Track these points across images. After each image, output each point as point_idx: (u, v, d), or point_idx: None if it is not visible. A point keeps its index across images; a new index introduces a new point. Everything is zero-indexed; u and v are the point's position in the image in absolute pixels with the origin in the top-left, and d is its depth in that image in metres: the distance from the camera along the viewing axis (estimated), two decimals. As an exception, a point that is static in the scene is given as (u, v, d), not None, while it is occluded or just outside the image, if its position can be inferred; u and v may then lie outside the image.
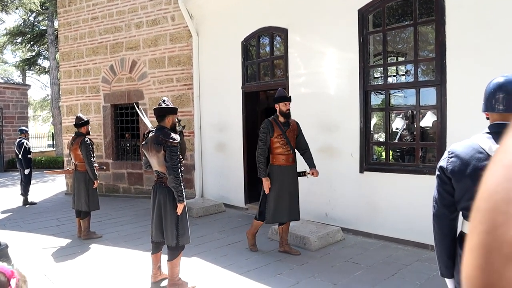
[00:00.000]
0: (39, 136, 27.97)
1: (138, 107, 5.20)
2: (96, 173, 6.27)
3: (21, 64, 24.75)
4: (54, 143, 23.20)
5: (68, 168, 7.91)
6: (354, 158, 5.88)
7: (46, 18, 21.46)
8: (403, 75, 8.15)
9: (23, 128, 10.02)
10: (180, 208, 4.03)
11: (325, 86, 6.28)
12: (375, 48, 6.37)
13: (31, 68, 25.65)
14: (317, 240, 5.39)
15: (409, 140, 7.04)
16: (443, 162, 1.96)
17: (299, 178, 5.19)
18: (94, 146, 6.39)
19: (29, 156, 9.45)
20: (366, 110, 5.83)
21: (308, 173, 5.15)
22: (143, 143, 4.26)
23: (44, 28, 22.45)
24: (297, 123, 5.24)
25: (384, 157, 6.69)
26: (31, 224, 7.28)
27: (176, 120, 4.60)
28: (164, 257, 4.37)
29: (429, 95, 5.78)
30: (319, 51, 6.32)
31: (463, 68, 4.86)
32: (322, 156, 6.29)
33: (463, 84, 4.85)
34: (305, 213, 6.29)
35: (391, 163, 6.00)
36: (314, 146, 6.33)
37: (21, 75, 28.57)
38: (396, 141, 7.39)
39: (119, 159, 9.98)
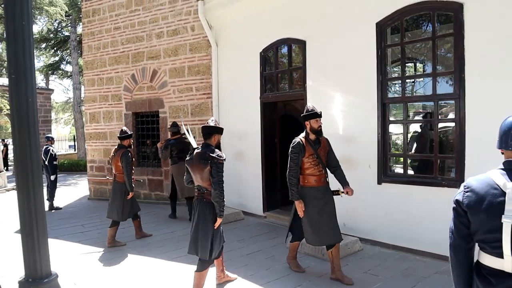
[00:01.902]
0: (61, 139, 28.58)
1: (186, 126, 5.40)
2: (133, 185, 6.57)
3: (45, 69, 25.43)
4: (76, 145, 23.70)
5: (107, 177, 8.27)
6: (372, 170, 5.94)
7: (69, 25, 22.00)
8: (419, 81, 8.16)
9: (49, 135, 10.34)
10: (218, 222, 4.26)
11: (343, 97, 6.37)
12: (394, 56, 6.42)
13: (54, 73, 26.30)
14: (335, 251, 5.46)
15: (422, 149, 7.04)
16: (459, 195, 2.04)
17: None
18: (134, 160, 6.69)
19: (54, 162, 9.75)
20: (384, 122, 5.89)
21: (343, 192, 4.81)
22: (187, 158, 4.45)
23: (67, 34, 23.01)
24: (327, 139, 4.91)
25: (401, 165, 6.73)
26: (57, 230, 7.52)
27: (187, 129, 4.90)
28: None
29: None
30: (337, 62, 6.40)
31: (482, 81, 4.88)
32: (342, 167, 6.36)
33: (482, 97, 4.88)
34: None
35: (409, 175, 6.04)
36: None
37: (44, 79, 29.30)
38: (413, 152, 7.40)
39: (140, 166, 10.20)
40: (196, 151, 4.37)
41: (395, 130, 7.39)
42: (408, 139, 7.40)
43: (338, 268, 4.75)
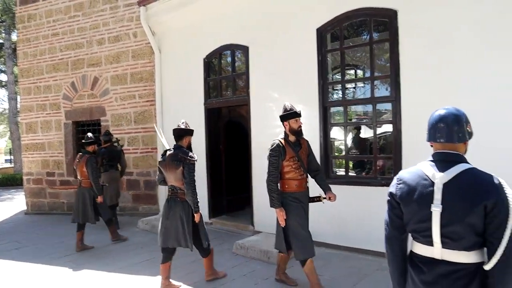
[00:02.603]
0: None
1: (156, 127, 5.51)
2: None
3: (-24, 79, 23.93)
4: (12, 159, 22.45)
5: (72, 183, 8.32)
6: (316, 172, 6.04)
7: (3, 31, 20.90)
8: (362, 86, 8.44)
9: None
10: (197, 217, 4.58)
11: (285, 102, 6.43)
12: (333, 62, 6.61)
13: (-13, 82, 24.85)
14: (281, 254, 5.48)
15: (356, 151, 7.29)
16: (392, 188, 2.12)
17: (312, 204, 4.57)
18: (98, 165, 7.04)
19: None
20: (325, 125, 6.02)
21: (324, 198, 4.47)
22: (160, 160, 4.73)
23: (1, 41, 21.84)
24: (307, 141, 4.62)
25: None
26: (-12, 247, 7.04)
27: (115, 139, 4.85)
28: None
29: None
30: (279, 68, 6.50)
31: (416, 84, 5.12)
32: (285, 170, 6.43)
33: (416, 100, 5.10)
34: (269, 227, 6.39)
35: (351, 176, 6.21)
36: (277, 161, 6.47)
37: (-24, 89, 27.57)
38: (354, 154, 7.62)
39: (81, 177, 9.78)
40: (168, 152, 4.61)
41: (339, 136, 7.58)
42: (350, 143, 7.63)
43: (283, 271, 4.72)
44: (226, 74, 7.69)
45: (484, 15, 4.60)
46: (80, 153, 6.88)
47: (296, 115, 4.39)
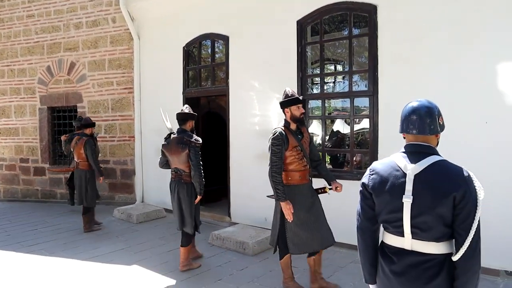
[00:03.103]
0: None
1: (162, 110, 5.60)
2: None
3: None
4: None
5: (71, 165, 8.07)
6: (293, 164, 6.06)
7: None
8: (340, 81, 8.50)
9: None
10: (198, 199, 4.76)
11: (264, 94, 6.44)
12: (314, 56, 6.62)
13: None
14: (256, 245, 5.52)
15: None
16: (365, 179, 2.15)
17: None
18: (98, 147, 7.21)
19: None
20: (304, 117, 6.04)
21: (330, 188, 4.27)
22: (164, 143, 4.86)
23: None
24: (307, 129, 4.36)
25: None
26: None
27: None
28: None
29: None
30: (259, 59, 6.47)
31: (394, 79, 5.16)
32: (262, 162, 6.40)
33: (394, 94, 5.15)
34: (245, 218, 6.44)
35: (328, 169, 6.24)
36: (253, 152, 6.50)
37: None
38: (331, 147, 7.68)
39: (56, 164, 9.62)
40: (172, 136, 4.76)
41: (317, 130, 7.61)
42: (328, 137, 7.68)
43: (321, 276, 4.32)
44: (205, 64, 7.63)
45: (459, 11, 4.67)
46: (78, 136, 6.98)
47: (298, 101, 4.07)
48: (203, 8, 7.28)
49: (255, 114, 6.53)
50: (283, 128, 4.05)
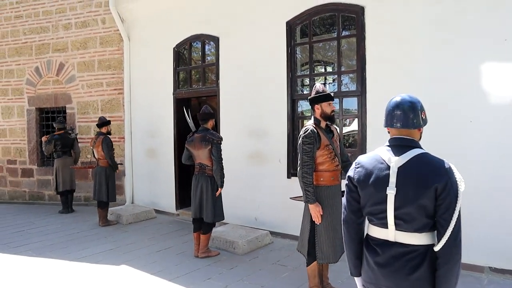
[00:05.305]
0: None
1: (187, 110, 5.93)
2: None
3: None
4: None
5: (91, 163, 8.50)
6: (282, 164, 6.10)
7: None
8: (330, 83, 8.56)
9: None
10: (219, 191, 5.18)
11: (254, 94, 6.47)
12: (304, 57, 6.67)
13: None
14: (246, 244, 5.53)
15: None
16: (350, 172, 2.19)
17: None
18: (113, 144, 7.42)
19: None
20: (293, 118, 6.09)
21: None
22: (188, 140, 5.31)
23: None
24: (336, 128, 4.11)
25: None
26: None
27: (70, 128, 6.06)
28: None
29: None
30: (249, 60, 6.50)
31: (381, 79, 5.23)
32: (252, 161, 6.48)
33: (381, 94, 5.19)
34: (235, 218, 6.45)
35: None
36: (243, 152, 6.53)
37: None
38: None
39: (44, 165, 9.54)
40: (196, 134, 5.23)
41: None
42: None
43: (327, 281, 4.21)
44: (196, 65, 7.64)
45: (441, 13, 4.75)
46: (96, 134, 7.37)
47: (330, 97, 3.86)
48: (193, 9, 7.30)
49: (246, 115, 6.56)
50: (314, 125, 3.85)
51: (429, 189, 1.92)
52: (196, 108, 8.23)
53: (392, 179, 2.00)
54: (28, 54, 9.50)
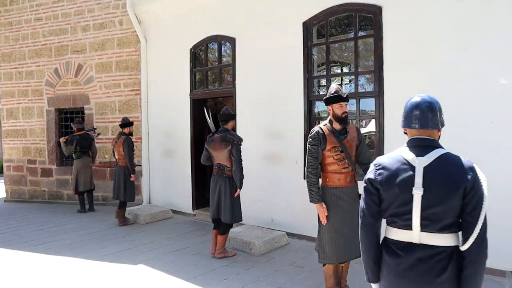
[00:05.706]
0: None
1: (207, 111, 5.93)
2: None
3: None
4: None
5: (110, 161, 8.70)
6: (299, 165, 6.09)
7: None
8: (347, 83, 8.50)
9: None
10: (238, 192, 5.19)
11: (271, 95, 6.47)
12: (320, 58, 6.64)
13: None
14: (262, 245, 5.53)
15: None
16: (371, 174, 2.13)
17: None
18: (134, 145, 7.50)
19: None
20: (310, 119, 6.07)
21: None
22: (208, 140, 5.34)
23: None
24: (357, 129, 4.05)
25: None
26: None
27: (91, 128, 5.74)
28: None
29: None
30: (265, 60, 6.50)
31: (399, 80, 5.18)
32: (268, 162, 6.48)
33: (399, 95, 5.14)
34: (251, 219, 6.46)
35: (333, 169, 6.25)
36: (260, 153, 6.53)
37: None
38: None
39: (63, 165, 9.69)
40: (216, 134, 5.27)
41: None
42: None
43: (345, 283, 4.20)
44: (212, 65, 7.67)
45: (462, 13, 4.68)
46: (118, 135, 7.42)
47: (341, 99, 3.79)
48: (209, 10, 7.33)
49: (262, 115, 6.56)
50: (322, 127, 3.87)
51: (458, 189, 1.90)
52: (212, 109, 8.26)
53: (418, 180, 1.97)
54: (47, 55, 9.65)
